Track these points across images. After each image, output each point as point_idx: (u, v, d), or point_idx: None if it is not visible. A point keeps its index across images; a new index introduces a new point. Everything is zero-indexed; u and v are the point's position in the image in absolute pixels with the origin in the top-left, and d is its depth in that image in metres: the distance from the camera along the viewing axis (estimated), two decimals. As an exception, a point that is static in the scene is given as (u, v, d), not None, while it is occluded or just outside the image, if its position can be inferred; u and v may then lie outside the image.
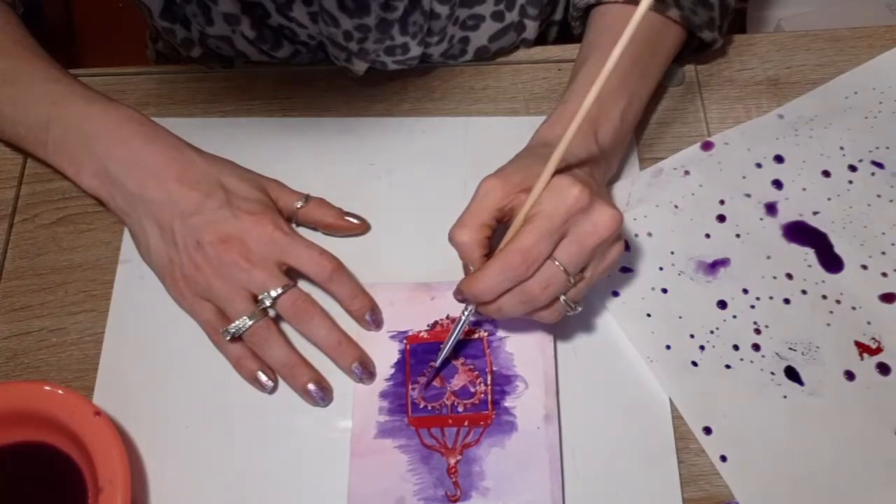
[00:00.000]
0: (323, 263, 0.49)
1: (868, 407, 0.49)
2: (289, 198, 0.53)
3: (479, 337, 0.50)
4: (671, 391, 0.50)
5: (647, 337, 0.52)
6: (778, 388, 0.50)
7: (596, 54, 0.53)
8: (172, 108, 0.60)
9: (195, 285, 0.49)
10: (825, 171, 0.57)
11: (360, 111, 0.60)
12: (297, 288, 0.49)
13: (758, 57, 0.63)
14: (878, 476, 0.48)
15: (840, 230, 0.55)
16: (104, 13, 1.21)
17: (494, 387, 0.49)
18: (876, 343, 0.51)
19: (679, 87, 0.61)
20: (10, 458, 0.46)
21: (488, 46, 0.61)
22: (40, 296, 0.53)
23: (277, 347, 0.49)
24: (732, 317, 0.52)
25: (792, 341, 0.51)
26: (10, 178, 0.57)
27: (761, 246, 0.54)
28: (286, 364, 0.49)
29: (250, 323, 0.48)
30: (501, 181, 0.45)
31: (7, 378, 0.51)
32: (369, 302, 0.50)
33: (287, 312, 0.49)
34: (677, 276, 0.54)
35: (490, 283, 0.43)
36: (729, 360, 0.51)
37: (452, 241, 0.45)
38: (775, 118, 0.59)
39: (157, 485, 0.48)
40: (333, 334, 0.49)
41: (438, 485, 0.46)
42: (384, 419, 0.48)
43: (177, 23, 0.58)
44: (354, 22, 0.54)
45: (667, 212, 0.56)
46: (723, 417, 0.49)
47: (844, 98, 0.60)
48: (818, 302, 0.52)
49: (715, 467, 0.48)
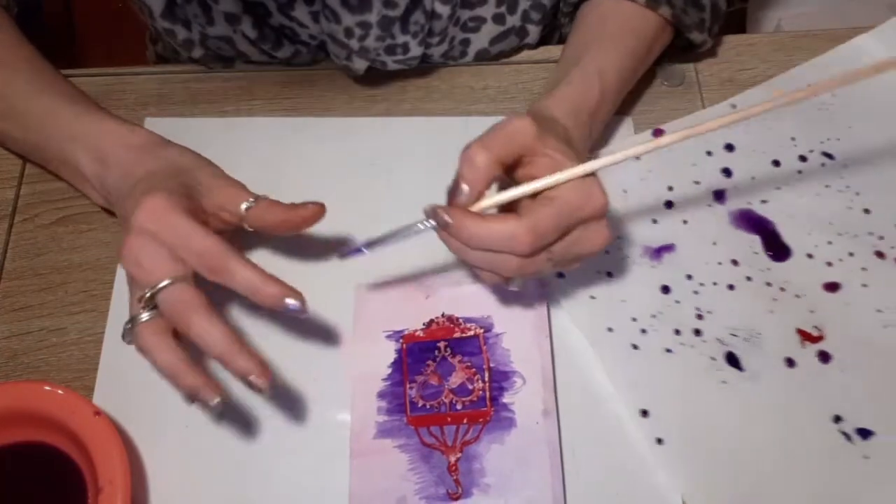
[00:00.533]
0: (213, 249, 0.42)
1: (807, 394, 0.50)
2: (234, 199, 0.46)
3: (476, 334, 0.50)
4: (610, 373, 0.50)
5: (590, 319, 0.52)
6: (718, 374, 0.50)
7: (595, 47, 0.53)
8: (172, 108, 0.60)
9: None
10: (775, 160, 0.57)
11: (360, 111, 0.60)
12: (185, 283, 0.42)
13: (758, 57, 0.63)
14: (814, 462, 0.48)
15: (787, 219, 0.55)
16: (104, 13, 1.21)
17: (492, 383, 0.49)
18: (818, 331, 0.51)
19: (679, 87, 0.61)
20: (10, 458, 0.46)
21: (489, 49, 0.61)
22: (40, 296, 0.54)
23: (160, 353, 0.42)
24: (675, 302, 0.53)
25: (734, 327, 0.52)
26: (10, 178, 0.57)
27: (708, 232, 0.55)
28: (168, 373, 0.42)
29: (128, 326, 0.43)
30: (538, 132, 0.42)
31: (7, 378, 0.51)
32: (281, 285, 0.43)
33: (166, 310, 0.42)
34: (622, 261, 0.54)
35: (488, 240, 0.41)
36: (670, 345, 0.51)
37: (468, 157, 0.41)
38: (728, 108, 0.60)
39: (157, 485, 0.48)
40: (223, 339, 0.41)
41: (439, 483, 0.46)
42: (383, 419, 0.48)
43: (178, 23, 0.58)
44: (356, 18, 0.54)
45: (616, 196, 0.56)
46: (660, 401, 0.50)
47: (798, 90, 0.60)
48: (762, 289, 0.53)
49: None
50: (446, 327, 0.50)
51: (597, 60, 0.52)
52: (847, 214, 0.55)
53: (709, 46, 0.60)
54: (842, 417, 0.49)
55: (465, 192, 0.42)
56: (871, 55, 0.61)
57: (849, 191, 0.56)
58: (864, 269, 0.53)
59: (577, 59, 0.52)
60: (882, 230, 0.55)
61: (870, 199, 0.56)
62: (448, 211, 0.41)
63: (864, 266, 0.53)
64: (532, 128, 0.42)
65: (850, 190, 0.56)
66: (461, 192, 0.42)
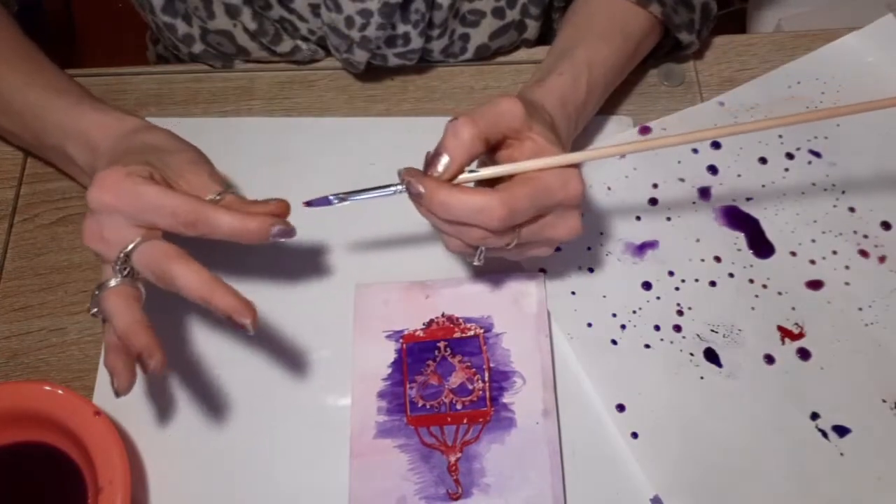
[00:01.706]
0: (186, 204, 0.41)
1: (785, 391, 0.50)
2: (201, 188, 0.44)
3: (476, 334, 0.50)
4: (587, 368, 0.50)
5: (570, 314, 0.52)
6: (696, 369, 0.51)
7: (585, 42, 0.53)
8: (172, 108, 0.60)
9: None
10: (762, 157, 0.58)
11: (360, 111, 0.60)
12: (155, 240, 0.42)
13: (758, 57, 0.63)
14: (790, 458, 0.48)
15: (772, 216, 0.55)
16: (104, 13, 1.21)
17: (492, 383, 0.49)
18: (798, 328, 0.52)
19: (679, 87, 0.61)
20: (10, 458, 0.46)
21: (489, 44, 0.61)
22: (40, 296, 0.54)
23: (123, 315, 0.41)
24: (656, 298, 0.53)
25: (714, 323, 0.52)
26: (10, 178, 0.57)
27: (692, 229, 0.55)
28: (125, 333, 0.41)
29: (96, 293, 0.42)
30: (526, 115, 0.42)
31: (7, 378, 0.51)
32: (260, 216, 0.42)
33: (142, 266, 0.41)
34: (605, 257, 0.54)
35: (460, 211, 0.40)
36: (649, 340, 0.51)
37: (454, 129, 0.41)
38: (716, 105, 0.60)
39: (157, 485, 0.48)
40: (204, 282, 0.40)
41: (439, 483, 0.46)
42: (383, 419, 0.48)
43: (178, 17, 0.58)
44: (357, 6, 0.54)
45: (600, 193, 0.56)
46: (637, 395, 0.50)
47: (787, 87, 0.60)
48: (744, 285, 0.53)
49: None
50: (446, 327, 0.50)
51: (587, 54, 0.52)
52: (832, 213, 0.55)
53: (696, 49, 0.60)
54: (819, 414, 0.49)
55: (443, 163, 0.41)
56: (861, 53, 0.61)
57: (834, 189, 0.56)
58: (847, 267, 0.54)
59: (567, 52, 0.53)
60: (866, 229, 0.55)
61: (855, 197, 0.56)
62: (421, 181, 0.41)
63: (848, 264, 0.54)
64: (521, 110, 0.42)
65: (836, 188, 0.56)
66: (440, 162, 0.42)
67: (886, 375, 0.50)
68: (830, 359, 0.51)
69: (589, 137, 0.58)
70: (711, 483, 0.47)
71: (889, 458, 0.48)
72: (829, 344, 0.51)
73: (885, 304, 0.52)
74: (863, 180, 0.57)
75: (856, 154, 0.58)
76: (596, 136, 0.58)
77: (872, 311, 0.52)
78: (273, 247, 0.54)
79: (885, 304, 0.52)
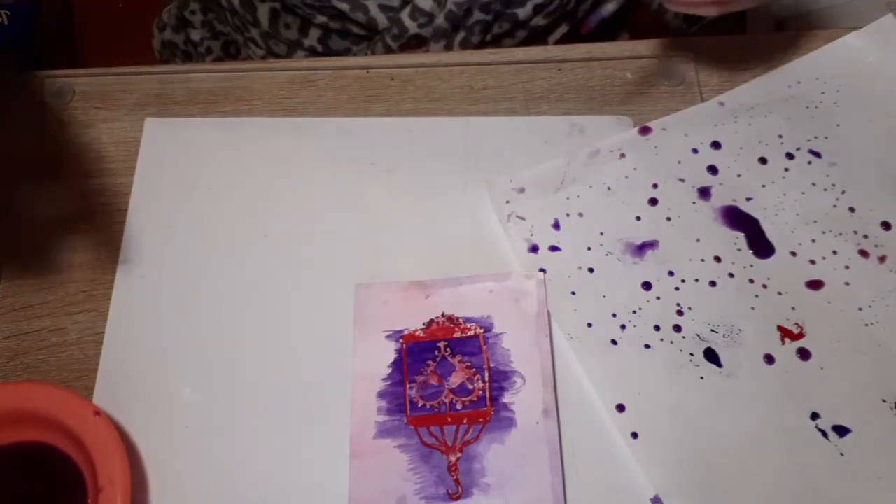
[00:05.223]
0: None
1: (785, 391, 0.50)
2: None
3: (476, 334, 0.50)
4: (587, 368, 0.50)
5: (570, 314, 0.52)
6: (695, 369, 0.50)
7: None
8: (172, 108, 0.60)
9: None
10: (762, 157, 0.57)
11: (360, 111, 0.60)
12: None
13: (758, 57, 0.63)
14: (790, 458, 0.48)
15: (772, 216, 0.55)
16: (104, 13, 1.21)
17: (492, 383, 0.49)
18: (798, 328, 0.52)
19: (679, 87, 0.61)
20: (10, 458, 0.46)
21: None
22: (40, 296, 0.54)
23: None
24: (656, 298, 0.53)
25: (714, 323, 0.52)
26: (9, 178, 0.57)
27: (692, 229, 0.55)
28: None
29: None
30: None
31: (7, 378, 0.51)
32: None
33: None
34: (605, 257, 0.54)
35: None
36: (649, 340, 0.51)
37: None
38: (715, 105, 0.60)
39: (157, 485, 0.48)
40: None
41: (440, 483, 0.46)
42: (383, 419, 0.48)
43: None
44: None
45: (600, 193, 0.56)
46: (637, 395, 0.50)
47: (787, 87, 0.60)
48: (744, 285, 0.53)
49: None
50: (446, 327, 0.50)
51: None
52: (832, 213, 0.55)
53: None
54: (819, 414, 0.49)
55: None
56: (861, 53, 0.61)
57: (835, 189, 0.56)
58: (847, 267, 0.53)
59: None
60: (866, 229, 0.55)
61: (855, 197, 0.56)
62: None
63: (848, 264, 0.54)
64: None
65: (836, 188, 0.56)
66: None
67: (886, 375, 0.50)
68: (830, 359, 0.51)
69: (589, 138, 0.58)
70: (711, 483, 0.47)
71: (889, 458, 0.48)
72: (829, 344, 0.51)
73: (885, 304, 0.52)
74: (863, 180, 0.56)
75: (856, 154, 0.57)
76: (596, 137, 0.58)
77: (872, 311, 0.52)
78: (272, 245, 0.55)
79: (886, 304, 0.52)
